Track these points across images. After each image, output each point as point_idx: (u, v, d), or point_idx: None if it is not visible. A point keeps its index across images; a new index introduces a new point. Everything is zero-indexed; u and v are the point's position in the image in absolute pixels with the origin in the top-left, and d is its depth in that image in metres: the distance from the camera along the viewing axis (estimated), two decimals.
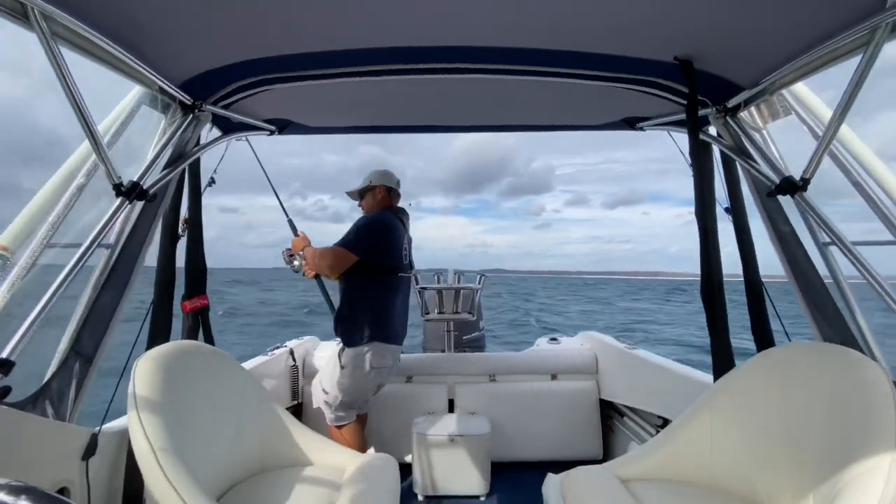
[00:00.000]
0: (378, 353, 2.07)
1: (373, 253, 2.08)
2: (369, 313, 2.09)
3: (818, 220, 1.30)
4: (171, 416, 1.21)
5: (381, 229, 2.13)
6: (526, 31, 1.24)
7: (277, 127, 2.02)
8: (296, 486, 1.47)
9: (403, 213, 2.34)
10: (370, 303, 2.11)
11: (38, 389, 1.17)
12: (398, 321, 2.21)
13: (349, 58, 1.38)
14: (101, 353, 1.33)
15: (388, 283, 2.16)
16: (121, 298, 1.39)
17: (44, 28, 0.93)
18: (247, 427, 1.58)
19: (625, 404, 2.50)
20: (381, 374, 2.13)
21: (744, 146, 1.54)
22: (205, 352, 1.57)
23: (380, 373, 2.12)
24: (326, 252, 2.08)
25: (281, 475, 1.56)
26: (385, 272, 2.15)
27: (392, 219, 2.21)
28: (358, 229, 2.10)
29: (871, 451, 0.97)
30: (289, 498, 1.39)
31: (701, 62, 1.35)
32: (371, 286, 2.12)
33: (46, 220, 1.17)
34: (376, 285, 2.13)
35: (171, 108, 1.54)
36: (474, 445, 2.22)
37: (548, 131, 2.24)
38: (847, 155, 1.31)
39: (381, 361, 2.09)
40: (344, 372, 2.07)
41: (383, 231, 2.13)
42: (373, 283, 2.12)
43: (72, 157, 1.29)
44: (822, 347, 1.31)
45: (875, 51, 1.00)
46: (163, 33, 1.17)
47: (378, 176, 2.31)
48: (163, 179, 1.43)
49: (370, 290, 2.12)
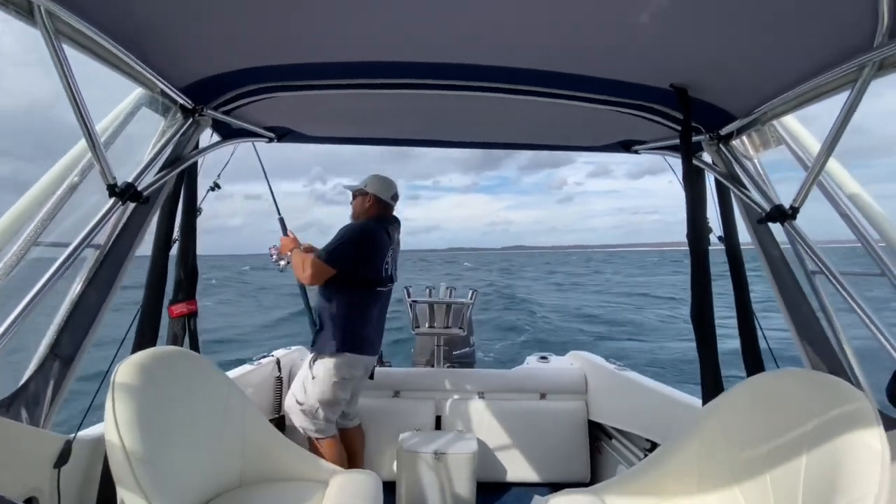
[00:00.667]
0: (347, 363, 2.07)
1: (352, 266, 2.06)
2: (343, 324, 2.09)
3: (806, 248, 1.33)
4: (149, 424, 1.18)
5: (362, 241, 2.11)
6: (525, 52, 1.27)
7: (277, 134, 2.02)
8: (276, 502, 1.42)
9: (392, 222, 2.30)
10: (345, 313, 2.10)
11: (14, 392, 1.13)
12: (373, 332, 2.20)
13: (351, 70, 1.40)
14: (81, 357, 1.29)
15: (364, 296, 2.15)
16: (104, 301, 1.36)
17: (48, 25, 0.93)
18: (228, 438, 1.54)
19: (613, 426, 2.48)
20: (349, 384, 2.12)
21: (735, 173, 1.57)
22: (189, 359, 1.54)
23: (348, 384, 2.11)
24: (307, 262, 2.06)
25: (260, 490, 1.51)
26: (363, 285, 2.14)
27: (376, 230, 2.16)
28: (339, 241, 2.08)
29: (856, 482, 0.97)
30: None
31: (696, 90, 1.39)
32: (347, 297, 2.12)
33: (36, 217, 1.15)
34: (352, 297, 2.12)
35: (171, 110, 1.54)
36: (460, 464, 2.18)
37: (543, 150, 2.28)
38: (836, 187, 1.34)
39: (350, 372, 2.09)
40: (315, 381, 2.06)
41: (364, 243, 2.11)
42: (349, 294, 2.12)
43: (66, 156, 1.27)
44: (809, 375, 1.32)
45: (863, 87, 1.04)
46: (167, 36, 1.17)
47: (375, 184, 2.29)
48: (158, 182, 1.42)
49: (345, 301, 2.11)
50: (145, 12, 1.06)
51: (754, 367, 1.60)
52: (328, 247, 2.08)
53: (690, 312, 1.56)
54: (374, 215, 2.25)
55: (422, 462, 2.18)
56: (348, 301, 2.11)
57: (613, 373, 2.55)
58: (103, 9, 1.02)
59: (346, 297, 2.11)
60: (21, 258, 1.10)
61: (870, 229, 1.27)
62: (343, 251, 2.06)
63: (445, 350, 3.04)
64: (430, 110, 1.78)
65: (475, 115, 1.81)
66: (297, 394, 2.13)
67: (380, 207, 2.28)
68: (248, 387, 2.29)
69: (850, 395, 1.14)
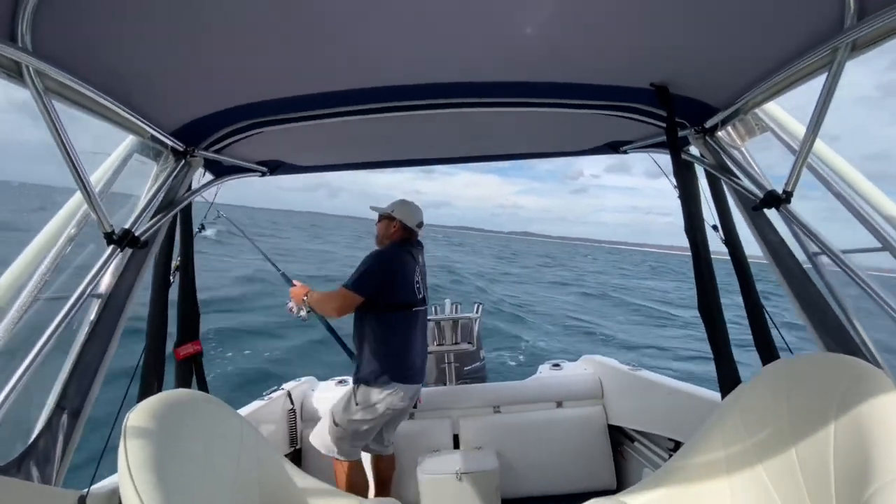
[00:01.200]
0: (396, 394, 2.03)
1: (380, 290, 2.05)
2: (386, 350, 2.05)
3: (805, 230, 1.33)
4: (165, 473, 1.15)
5: (388, 266, 2.10)
6: (507, 65, 1.29)
7: (269, 168, 2.04)
8: None
9: (417, 245, 2.29)
10: (385, 339, 2.06)
11: (24, 450, 1.11)
12: (418, 358, 2.16)
13: (337, 98, 1.42)
14: (89, 408, 1.27)
15: (402, 320, 2.12)
16: (106, 349, 1.35)
17: (38, 85, 0.95)
18: (245, 478, 1.50)
19: (634, 429, 2.44)
20: (399, 416, 2.11)
21: (725, 164, 1.59)
22: (199, 400, 1.51)
23: (398, 415, 2.10)
24: (332, 295, 2.05)
25: None
26: (397, 308, 2.10)
27: (401, 253, 2.17)
28: (364, 268, 2.07)
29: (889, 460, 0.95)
30: None
31: (676, 87, 1.41)
32: (384, 323, 2.08)
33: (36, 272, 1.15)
34: (389, 322, 2.09)
35: (162, 154, 1.56)
36: (483, 482, 2.13)
37: (534, 158, 2.30)
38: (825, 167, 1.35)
39: (397, 403, 2.04)
40: (358, 409, 2.02)
41: (390, 267, 2.10)
42: (386, 320, 2.08)
43: (63, 209, 1.28)
44: (826, 358, 1.30)
45: (838, 69, 1.06)
46: (154, 84, 1.20)
47: (401, 210, 2.28)
48: (154, 226, 1.43)
49: (384, 328, 2.07)
50: (130, 64, 1.09)
51: (769, 356, 1.58)
52: (353, 275, 2.07)
53: (698, 306, 1.55)
54: (397, 240, 2.25)
55: (444, 484, 2.13)
56: (386, 325, 2.08)
57: (628, 374, 2.52)
58: (91, 64, 1.04)
59: (382, 322, 2.08)
60: (23, 315, 1.10)
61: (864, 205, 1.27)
62: (368, 276, 2.05)
63: (456, 367, 3.01)
64: (420, 130, 1.80)
65: (463, 131, 1.84)
66: (336, 413, 2.08)
67: (404, 233, 2.27)
68: (262, 423, 2.26)
69: (871, 373, 1.12)
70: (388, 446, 2.28)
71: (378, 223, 2.33)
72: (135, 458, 1.11)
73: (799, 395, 1.27)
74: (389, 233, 2.27)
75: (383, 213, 2.30)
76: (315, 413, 2.58)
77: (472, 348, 2.99)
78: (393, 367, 2.03)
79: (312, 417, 2.59)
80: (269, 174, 2.09)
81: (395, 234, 2.26)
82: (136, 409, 1.23)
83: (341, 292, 2.03)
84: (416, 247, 2.29)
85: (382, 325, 2.08)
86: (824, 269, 1.40)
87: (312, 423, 2.59)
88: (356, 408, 2.02)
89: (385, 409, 2.01)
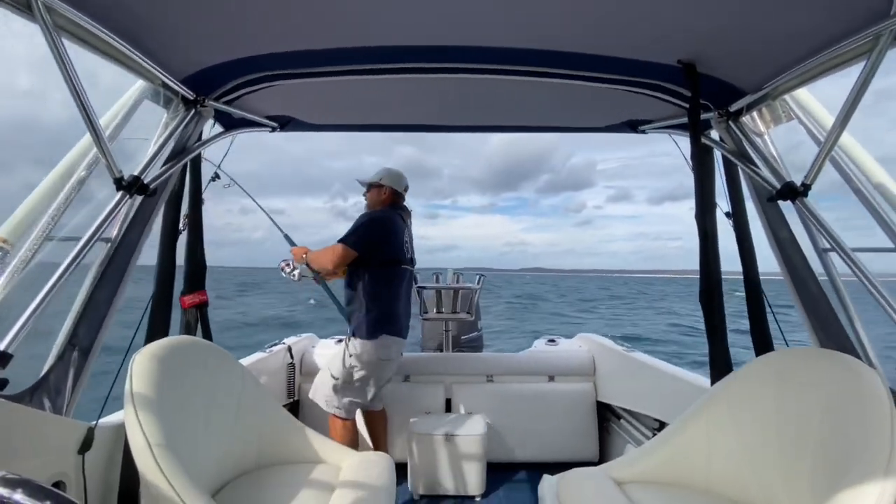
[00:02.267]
0: (385, 345, 2.16)
1: (373, 248, 2.17)
2: (376, 305, 2.17)
3: (818, 225, 1.30)
4: (167, 411, 1.21)
5: (379, 225, 2.22)
6: (529, 32, 1.24)
7: (279, 123, 2.02)
8: (291, 483, 1.47)
9: (405, 210, 2.42)
10: (375, 292, 2.18)
11: (36, 382, 1.17)
12: (403, 315, 2.30)
13: (352, 56, 1.38)
14: (98, 347, 1.33)
15: (391, 276, 2.24)
16: (117, 292, 1.39)
17: (47, 20, 0.93)
18: (243, 423, 1.58)
19: (622, 406, 2.50)
20: (388, 366, 2.21)
21: (745, 151, 1.54)
22: (202, 347, 1.57)
23: (387, 365, 2.20)
24: (327, 250, 2.16)
25: (276, 472, 1.56)
26: (387, 265, 2.22)
27: (392, 214, 2.29)
28: (357, 227, 2.19)
29: (866, 458, 0.97)
30: (284, 495, 1.39)
31: (704, 66, 1.35)
32: (375, 279, 2.19)
33: (47, 212, 1.17)
34: (380, 278, 2.20)
35: (173, 102, 1.54)
36: (471, 445, 2.22)
37: (549, 132, 2.24)
38: (848, 162, 1.31)
39: (388, 353, 2.18)
40: (351, 359, 2.14)
41: (382, 226, 2.22)
42: (377, 275, 2.20)
43: (72, 151, 1.28)
44: (819, 353, 1.31)
45: (878, 58, 1.00)
46: (166, 28, 1.17)
47: (388, 176, 2.40)
48: (164, 174, 1.43)
49: (375, 283, 2.19)
50: (143, 3, 1.05)
51: (763, 347, 1.60)
52: (347, 233, 2.18)
53: (699, 293, 1.55)
54: (388, 204, 2.37)
55: (433, 444, 2.22)
56: (377, 283, 2.19)
57: (622, 354, 2.56)
58: (101, 1, 1.01)
59: (374, 277, 2.19)
60: (35, 253, 1.12)
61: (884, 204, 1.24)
62: (362, 234, 2.17)
63: (454, 335, 3.07)
64: (435, 94, 1.75)
65: (478, 98, 1.79)
66: (332, 368, 2.20)
67: (394, 198, 2.40)
68: (262, 374, 2.34)
69: (859, 370, 1.13)
70: (378, 402, 2.39)
71: (367, 193, 2.43)
72: (140, 397, 1.17)
73: (787, 386, 1.29)
74: (381, 199, 2.37)
75: (373, 181, 2.41)
76: (314, 368, 2.67)
77: (470, 318, 3.03)
78: (382, 320, 2.16)
79: (311, 372, 2.68)
80: (280, 129, 2.06)
81: (386, 199, 2.38)
82: (142, 352, 1.28)
83: (337, 247, 2.14)
84: (404, 210, 2.41)
85: (373, 280, 2.20)
86: (832, 266, 1.38)
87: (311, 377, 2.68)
88: (349, 359, 2.15)
89: (377, 358, 2.14)
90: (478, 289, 2.99)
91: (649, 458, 1.51)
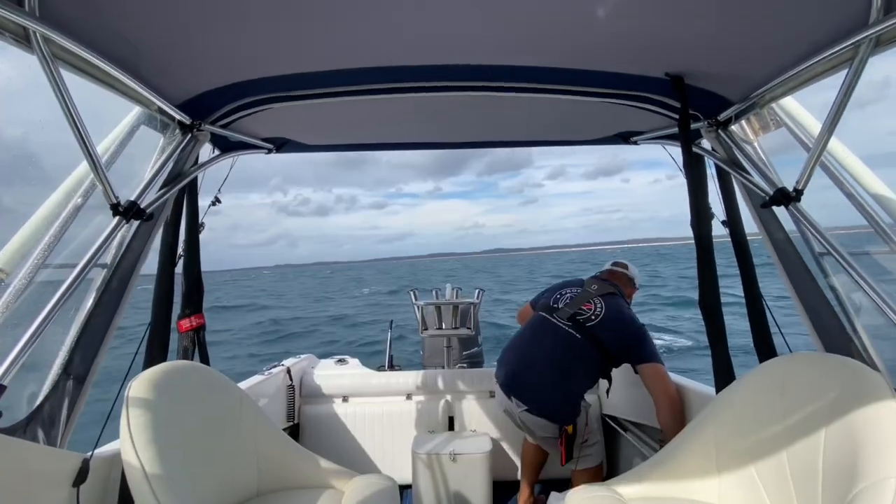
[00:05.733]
0: None
1: None
2: None
3: (812, 230, 1.31)
4: (165, 439, 1.19)
5: None
6: (519, 49, 1.26)
7: (275, 145, 2.03)
8: None
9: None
10: None
11: (30, 413, 1.15)
12: None
13: (345, 77, 1.40)
14: (94, 375, 1.30)
15: None
16: (112, 318, 1.37)
17: (45, 51, 0.95)
18: (243, 449, 1.55)
19: (627, 419, 2.47)
20: None
21: (736, 158, 1.56)
22: (200, 372, 1.55)
23: None
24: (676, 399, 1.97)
25: (278, 499, 1.52)
26: None
27: None
28: (648, 338, 2.04)
29: (877, 462, 0.96)
30: None
31: (691, 78, 1.38)
32: None
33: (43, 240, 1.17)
34: None
35: (169, 127, 1.55)
36: (475, 464, 2.18)
37: (542, 146, 2.27)
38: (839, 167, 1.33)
39: None
40: None
41: None
42: None
43: (70, 178, 1.29)
44: (823, 358, 1.30)
45: (860, 65, 1.03)
46: (160, 55, 1.19)
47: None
48: (160, 199, 1.43)
49: None
50: (139, 33, 1.07)
51: (766, 354, 1.59)
52: (651, 349, 2.02)
53: (699, 301, 1.55)
54: None
55: (437, 464, 2.18)
56: None
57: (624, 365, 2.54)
58: (98, 31, 1.03)
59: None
60: (30, 281, 1.11)
61: (876, 208, 1.25)
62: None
63: (455, 351, 3.04)
64: (428, 112, 1.78)
65: (471, 115, 1.81)
66: None
67: None
68: (261, 397, 2.30)
69: (866, 375, 1.12)
70: None
71: (628, 285, 2.29)
72: (136, 425, 1.14)
73: (793, 393, 1.27)
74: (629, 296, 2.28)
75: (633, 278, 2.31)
76: (314, 390, 2.63)
77: (471, 333, 3.01)
78: None
79: (311, 394, 2.64)
80: (276, 151, 2.08)
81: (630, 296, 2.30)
82: (139, 379, 1.26)
83: (664, 369, 1.96)
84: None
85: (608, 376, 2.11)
86: (829, 269, 1.39)
87: (311, 399, 2.64)
88: None
89: None
90: (478, 303, 2.97)
91: (657, 471, 1.48)
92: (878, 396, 1.05)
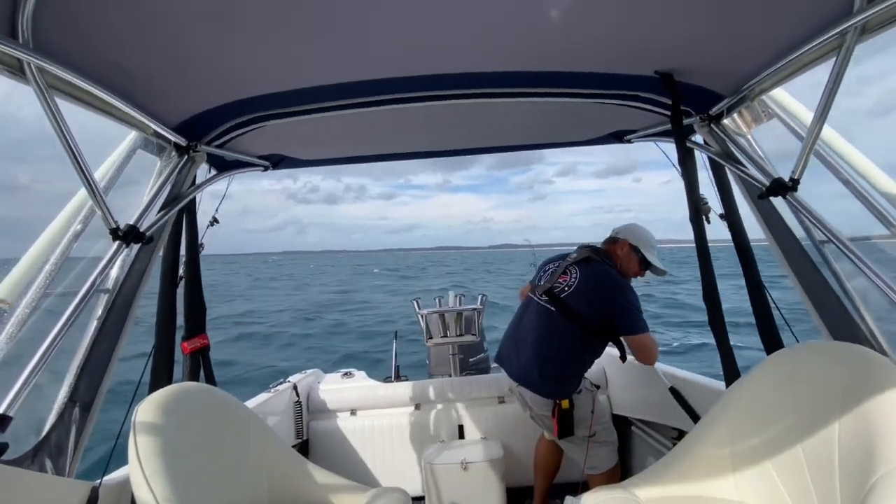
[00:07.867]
0: None
1: None
2: None
3: (811, 218, 1.32)
4: (174, 463, 1.17)
5: None
6: (509, 55, 1.28)
7: (271, 162, 2.04)
8: None
9: None
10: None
11: (37, 443, 1.14)
12: None
13: (337, 91, 1.41)
14: (100, 402, 1.30)
15: None
16: (117, 343, 1.37)
17: (40, 81, 0.95)
18: (253, 469, 1.53)
19: (638, 418, 2.45)
20: None
21: (731, 152, 1.57)
22: (207, 393, 1.54)
23: None
24: (652, 345, 2.00)
25: None
26: None
27: None
28: (637, 304, 1.98)
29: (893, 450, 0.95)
30: None
31: (681, 74, 1.39)
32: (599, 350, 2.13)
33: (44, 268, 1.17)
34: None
35: (166, 150, 1.56)
36: (488, 471, 2.15)
37: (537, 149, 2.28)
38: (833, 154, 1.33)
39: None
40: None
41: None
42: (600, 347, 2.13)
43: (68, 206, 1.29)
44: (831, 346, 1.30)
45: (847, 54, 1.04)
46: (154, 80, 1.20)
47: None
48: (159, 221, 1.43)
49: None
50: (132, 59, 1.09)
51: (773, 345, 1.58)
52: (635, 316, 1.97)
53: (703, 295, 1.54)
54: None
55: (449, 473, 2.16)
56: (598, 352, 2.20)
57: (632, 363, 2.52)
58: (91, 59, 1.04)
59: (600, 349, 2.16)
60: (33, 311, 1.11)
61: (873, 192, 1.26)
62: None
63: (461, 358, 3.02)
64: (421, 122, 1.79)
65: (465, 123, 1.82)
66: None
67: None
68: (268, 415, 2.29)
69: (876, 361, 1.12)
70: None
71: (621, 254, 2.13)
72: (145, 450, 1.13)
73: (804, 383, 1.26)
74: (634, 269, 2.15)
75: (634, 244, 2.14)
76: (321, 405, 2.61)
77: (476, 340, 2.99)
78: None
79: (318, 409, 2.62)
80: (273, 168, 2.09)
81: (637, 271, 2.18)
82: (145, 403, 1.25)
83: (648, 339, 1.95)
84: None
85: (599, 351, 2.08)
86: (831, 257, 1.39)
87: (318, 415, 2.62)
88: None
89: None
90: (481, 309, 2.97)
91: (673, 470, 1.46)
92: (890, 381, 1.04)
